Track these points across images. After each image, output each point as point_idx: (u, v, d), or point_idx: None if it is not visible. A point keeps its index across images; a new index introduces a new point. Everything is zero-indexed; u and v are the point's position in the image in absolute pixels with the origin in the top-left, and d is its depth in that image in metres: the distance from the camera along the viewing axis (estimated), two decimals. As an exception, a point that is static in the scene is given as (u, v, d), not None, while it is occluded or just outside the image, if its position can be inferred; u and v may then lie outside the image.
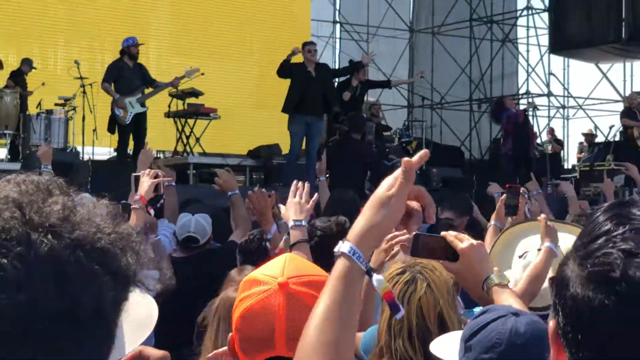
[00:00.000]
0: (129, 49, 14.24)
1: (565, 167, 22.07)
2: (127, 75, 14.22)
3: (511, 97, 17.68)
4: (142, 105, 14.16)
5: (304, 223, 4.25)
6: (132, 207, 5.22)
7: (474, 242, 2.87)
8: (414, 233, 2.98)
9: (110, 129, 14.58)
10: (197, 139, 16.15)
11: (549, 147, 22.17)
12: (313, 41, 16.00)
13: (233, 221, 6.51)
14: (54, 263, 1.17)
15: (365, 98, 16.88)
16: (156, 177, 5.40)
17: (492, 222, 5.76)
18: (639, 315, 1.31)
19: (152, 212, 5.95)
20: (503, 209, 5.84)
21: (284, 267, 2.31)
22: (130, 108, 14.01)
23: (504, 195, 5.99)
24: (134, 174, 5.63)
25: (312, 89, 13.72)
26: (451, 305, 3.17)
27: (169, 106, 16.46)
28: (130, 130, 14.26)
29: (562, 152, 22.82)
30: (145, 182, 5.34)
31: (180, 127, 16.13)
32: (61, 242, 1.19)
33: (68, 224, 1.22)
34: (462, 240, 2.86)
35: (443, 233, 2.91)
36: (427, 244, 2.92)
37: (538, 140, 20.55)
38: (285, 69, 14.17)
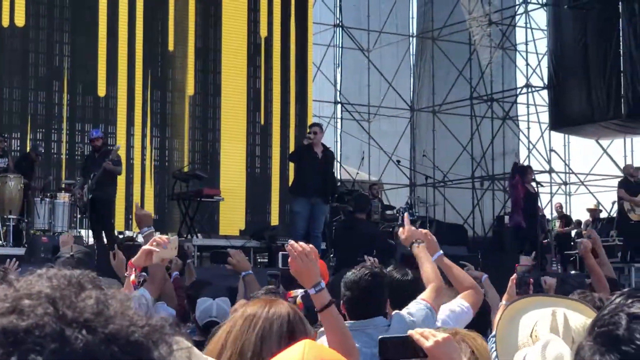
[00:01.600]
0: (90, 141, 14.77)
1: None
2: (89, 165, 14.83)
3: (532, 170, 17.71)
4: (91, 192, 14.36)
5: (322, 285, 4.05)
6: (125, 275, 4.96)
7: (440, 338, 2.79)
8: (379, 337, 2.88)
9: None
10: (198, 221, 16.19)
11: (557, 224, 22.22)
12: (318, 123, 16.03)
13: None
14: (89, 359, 1.16)
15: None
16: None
17: (503, 302, 5.68)
18: None
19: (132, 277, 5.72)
20: (514, 288, 5.77)
21: (303, 354, 2.27)
22: (85, 197, 14.33)
23: (515, 274, 5.93)
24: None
25: (318, 171, 13.72)
26: None
27: (173, 188, 16.53)
28: (94, 216, 14.66)
29: (571, 228, 22.84)
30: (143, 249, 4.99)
31: (184, 210, 16.16)
32: (96, 337, 1.18)
33: (102, 318, 1.20)
34: (427, 338, 2.79)
35: (409, 332, 2.86)
36: (395, 346, 2.85)
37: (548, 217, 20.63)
38: (295, 154, 14.25)
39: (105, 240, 14.74)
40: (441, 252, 5.54)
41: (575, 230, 22.78)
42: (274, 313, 3.14)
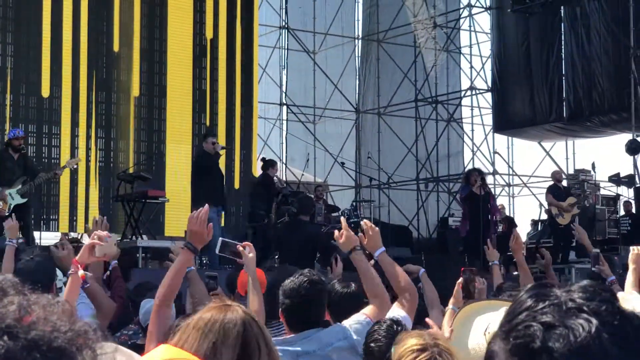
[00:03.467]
0: (11, 142, 14.17)
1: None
2: (9, 166, 14.08)
3: (478, 171, 17.81)
4: (23, 196, 13.92)
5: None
6: (68, 273, 5.01)
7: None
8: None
9: None
10: (139, 223, 16.10)
11: (500, 226, 22.38)
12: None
13: (189, 297, 6.33)
14: None
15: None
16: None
17: (450, 306, 5.69)
18: None
19: (81, 272, 5.74)
20: (460, 292, 5.80)
21: (161, 354, 2.45)
22: (10, 200, 13.86)
23: (461, 278, 5.96)
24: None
25: (220, 181, 14.55)
26: None
27: (118, 190, 16.44)
28: (28, 220, 14.16)
29: (515, 229, 23.01)
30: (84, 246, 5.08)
31: (128, 211, 16.07)
32: (17, 344, 1.16)
33: (24, 324, 1.19)
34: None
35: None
36: None
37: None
38: (210, 161, 14.57)
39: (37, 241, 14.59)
40: (383, 248, 5.51)
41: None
42: (229, 319, 3.08)
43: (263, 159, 18.09)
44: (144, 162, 18.99)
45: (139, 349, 5.71)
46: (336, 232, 5.51)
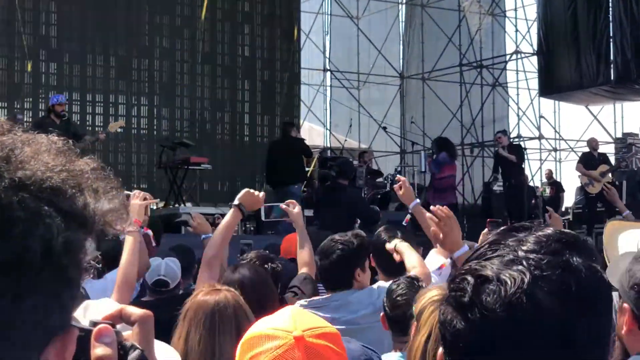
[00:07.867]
0: (54, 107, 14.17)
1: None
2: (51, 132, 14.07)
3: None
4: None
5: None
6: (127, 231, 4.85)
7: None
8: None
9: None
10: (185, 189, 16.18)
11: (547, 190, 22.26)
12: None
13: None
14: None
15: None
16: (145, 199, 5.16)
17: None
18: (488, 340, 1.35)
19: (150, 232, 5.81)
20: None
21: (293, 319, 2.18)
22: None
23: (486, 229, 5.98)
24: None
25: None
26: None
27: (161, 157, 16.51)
28: None
29: (562, 194, 22.91)
30: (135, 204, 5.04)
31: (171, 178, 16.14)
32: (2, 183, 1.07)
33: (9, 164, 1.10)
34: None
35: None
36: None
37: (531, 183, 20.68)
38: None
39: None
40: (417, 200, 5.75)
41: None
42: (218, 301, 3.37)
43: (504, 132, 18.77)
44: (187, 129, 19.07)
45: (146, 306, 5.71)
46: (395, 186, 5.79)
